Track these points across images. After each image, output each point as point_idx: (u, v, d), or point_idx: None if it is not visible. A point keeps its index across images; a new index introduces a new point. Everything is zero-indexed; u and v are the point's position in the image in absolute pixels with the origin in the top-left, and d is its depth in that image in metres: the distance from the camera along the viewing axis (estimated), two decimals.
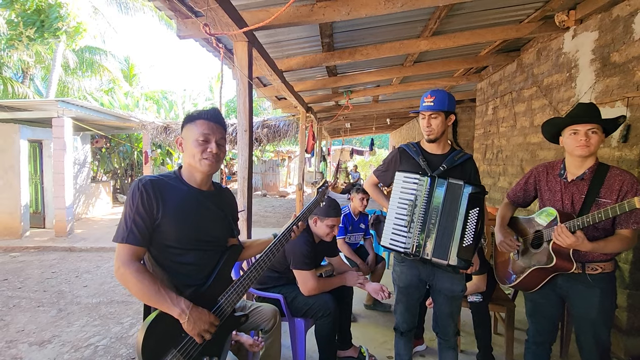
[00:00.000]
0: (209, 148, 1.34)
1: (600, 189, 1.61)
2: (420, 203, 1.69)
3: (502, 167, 4.61)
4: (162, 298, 1.21)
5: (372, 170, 2.07)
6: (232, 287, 1.38)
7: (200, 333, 1.25)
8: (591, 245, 1.52)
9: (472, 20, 3.39)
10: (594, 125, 1.58)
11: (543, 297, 1.80)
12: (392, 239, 1.75)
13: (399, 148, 1.92)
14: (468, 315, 2.87)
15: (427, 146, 1.85)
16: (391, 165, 1.90)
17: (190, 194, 1.36)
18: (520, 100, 4.19)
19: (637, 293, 2.53)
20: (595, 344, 1.65)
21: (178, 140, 1.38)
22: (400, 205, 1.74)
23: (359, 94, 5.91)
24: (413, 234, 1.69)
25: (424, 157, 1.80)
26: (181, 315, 1.21)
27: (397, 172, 1.79)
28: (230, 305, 1.37)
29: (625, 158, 2.59)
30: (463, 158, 1.79)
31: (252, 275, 1.43)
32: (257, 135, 8.29)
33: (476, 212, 1.63)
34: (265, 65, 3.12)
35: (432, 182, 1.69)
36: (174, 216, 1.29)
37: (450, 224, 1.64)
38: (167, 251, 1.31)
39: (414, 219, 1.70)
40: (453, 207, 1.65)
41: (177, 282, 1.32)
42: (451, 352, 1.87)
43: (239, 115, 2.52)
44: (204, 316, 1.26)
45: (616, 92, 2.69)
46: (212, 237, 1.39)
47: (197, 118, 1.36)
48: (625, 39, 2.63)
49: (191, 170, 1.38)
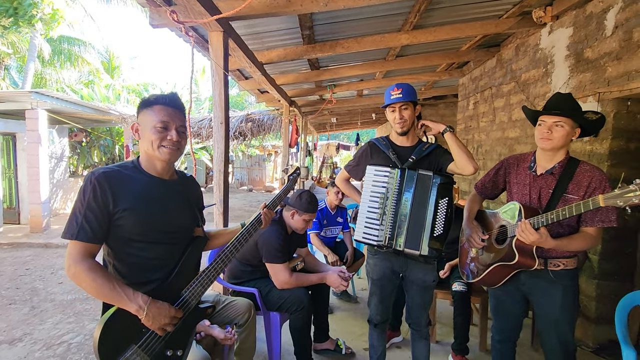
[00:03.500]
0: (168, 135, 1.27)
1: (569, 184, 1.56)
2: (392, 195, 1.70)
3: (482, 162, 4.67)
4: (118, 295, 1.17)
5: (344, 166, 2.07)
6: (196, 279, 1.35)
7: (161, 327, 1.22)
8: (554, 243, 1.48)
9: (452, 15, 3.40)
10: (561, 118, 1.53)
11: (506, 294, 1.76)
12: (365, 232, 1.75)
13: (369, 142, 1.92)
14: (444, 307, 2.93)
15: (396, 139, 1.86)
16: (362, 160, 1.91)
17: (151, 183, 1.30)
18: (500, 96, 4.25)
19: (605, 283, 2.61)
20: (558, 344, 1.61)
21: (134, 126, 1.30)
22: (372, 199, 1.75)
23: (342, 88, 5.89)
24: (385, 226, 1.70)
25: (393, 150, 1.81)
26: (139, 311, 1.18)
27: (368, 166, 1.80)
28: (195, 298, 1.34)
29: (595, 152, 2.65)
30: (430, 148, 1.81)
31: (218, 267, 1.40)
32: (241, 129, 8.21)
33: (445, 202, 1.64)
34: (244, 57, 3.07)
35: (402, 174, 1.70)
36: (134, 209, 1.24)
37: (421, 214, 1.65)
38: (129, 245, 1.27)
39: (385, 212, 1.70)
40: (423, 198, 1.66)
41: (141, 276, 1.28)
42: (423, 342, 1.89)
43: (215, 107, 2.47)
44: (163, 310, 1.23)
45: (588, 88, 2.75)
46: (177, 227, 1.35)
47: (155, 103, 1.28)
48: (598, 35, 2.69)
49: (150, 159, 1.31)
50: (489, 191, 1.89)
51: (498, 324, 1.85)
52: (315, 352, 2.45)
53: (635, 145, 2.54)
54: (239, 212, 8.87)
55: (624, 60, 2.43)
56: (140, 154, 1.35)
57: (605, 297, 2.60)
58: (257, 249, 2.17)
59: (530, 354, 2.51)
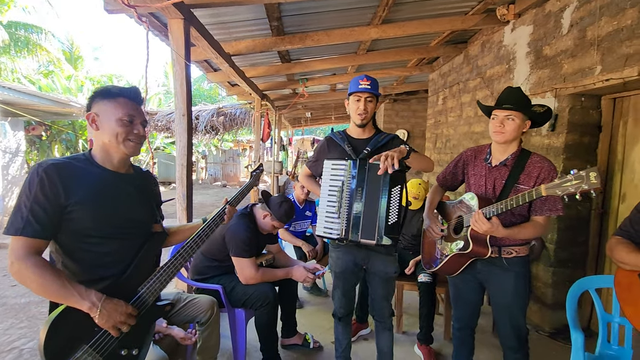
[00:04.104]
0: (135, 129, 1.25)
1: (520, 175, 1.62)
2: (346, 188, 1.70)
3: (450, 156, 4.79)
4: (68, 292, 1.11)
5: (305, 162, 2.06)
6: (154, 275, 1.30)
7: (115, 325, 1.17)
8: (506, 232, 1.53)
9: (420, 10, 3.43)
10: (512, 112, 1.58)
11: (463, 282, 1.82)
12: (325, 227, 1.74)
13: (327, 137, 1.92)
14: (410, 298, 2.98)
15: (353, 132, 1.86)
16: (321, 155, 1.89)
17: (106, 177, 1.25)
18: (466, 91, 4.35)
19: (560, 270, 2.74)
20: (510, 327, 1.68)
21: (90, 116, 1.23)
22: (331, 193, 1.74)
23: (315, 81, 5.85)
24: (342, 219, 1.70)
25: (349, 143, 1.81)
26: (92, 308, 1.12)
27: (325, 160, 1.79)
28: (153, 295, 1.29)
29: (552, 146, 2.77)
30: (387, 139, 1.82)
31: (177, 263, 1.35)
32: (213, 123, 8.01)
33: (398, 190, 1.65)
34: (209, 47, 2.96)
35: (354, 165, 1.70)
36: (88, 203, 1.18)
37: (375, 204, 1.66)
38: (83, 241, 1.20)
39: (342, 204, 1.70)
40: (376, 187, 1.66)
41: (94, 273, 1.22)
42: (387, 333, 1.91)
43: (176, 98, 2.38)
44: (119, 307, 1.17)
45: (546, 84, 2.86)
46: (134, 222, 1.30)
47: (119, 95, 1.24)
48: (555, 33, 2.79)
49: (109, 152, 1.26)
50: (449, 183, 1.94)
51: (457, 312, 1.90)
52: (283, 348, 2.44)
53: (588, 139, 2.67)
54: (211, 209, 8.66)
55: (578, 57, 2.54)
56: (94, 146, 1.28)
57: (561, 284, 2.74)
58: (224, 242, 2.11)
59: (491, 340, 2.60)
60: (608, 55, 2.29)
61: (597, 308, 1.82)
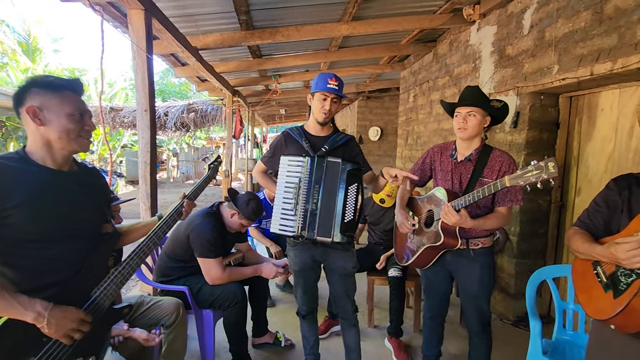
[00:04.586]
0: (86, 125, 1.18)
1: (484, 169, 1.71)
2: (303, 185, 1.69)
3: (421, 152, 4.89)
4: (9, 304, 1.02)
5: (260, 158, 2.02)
6: (108, 277, 1.23)
7: (67, 334, 1.09)
8: (473, 223, 1.61)
9: (389, 7, 3.46)
10: (472, 108, 1.67)
11: (435, 273, 1.90)
12: (281, 224, 1.71)
13: (284, 132, 1.89)
14: (382, 292, 3.02)
15: (311, 129, 1.85)
16: (277, 151, 1.87)
17: (46, 176, 1.15)
18: (436, 89, 4.45)
19: (522, 262, 2.87)
20: (476, 312, 1.79)
21: (30, 110, 1.10)
22: (287, 189, 1.71)
23: (288, 78, 5.79)
24: (298, 216, 1.68)
25: (307, 140, 1.79)
26: (37, 319, 1.04)
27: (281, 156, 1.76)
28: (108, 298, 1.22)
29: (515, 142, 2.88)
30: (345, 139, 1.83)
31: (133, 263, 1.28)
32: (183, 120, 7.77)
33: (355, 188, 1.67)
34: (174, 40, 2.85)
35: (312, 163, 1.69)
36: (27, 206, 1.08)
37: (331, 202, 1.66)
38: (23, 247, 1.11)
39: (298, 201, 1.69)
40: (333, 185, 1.67)
41: (39, 280, 1.13)
42: (353, 329, 1.92)
43: (138, 93, 2.27)
44: (69, 314, 1.10)
45: (509, 82, 2.96)
46: (81, 224, 1.21)
47: (64, 88, 1.15)
48: (517, 33, 2.89)
49: (52, 149, 1.15)
50: (418, 178, 1.97)
51: (428, 302, 1.99)
52: (254, 347, 2.40)
53: (547, 136, 2.79)
54: None
55: (537, 57, 2.65)
56: (31, 143, 1.16)
57: (523, 274, 2.86)
58: (189, 242, 2.04)
59: (459, 331, 2.68)
60: (564, 56, 2.39)
61: (553, 296, 1.91)
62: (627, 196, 1.19)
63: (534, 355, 1.70)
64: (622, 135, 2.29)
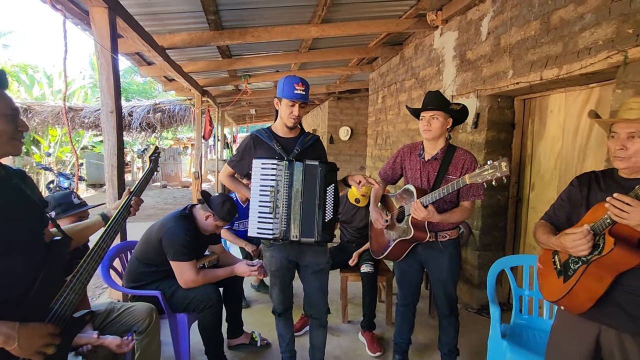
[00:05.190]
0: (20, 126, 1.07)
1: (449, 167, 1.86)
2: (282, 187, 1.71)
3: (390, 152, 5.05)
4: None
5: (227, 161, 2.01)
6: (66, 286, 1.18)
7: (39, 351, 1.03)
8: (440, 217, 1.76)
9: (357, 11, 3.56)
10: (435, 112, 1.82)
11: (407, 265, 2.04)
12: (259, 228, 1.72)
13: (252, 135, 1.90)
14: (354, 289, 3.11)
15: (280, 131, 1.88)
16: (246, 154, 1.88)
17: None
18: (403, 91, 4.62)
19: (484, 254, 3.06)
20: (445, 297, 1.97)
21: None
22: (263, 193, 1.73)
23: (258, 78, 5.77)
24: (279, 219, 1.71)
25: (277, 142, 1.82)
26: (8, 341, 0.97)
27: (254, 159, 1.76)
28: (69, 307, 1.17)
29: (475, 141, 3.06)
30: (312, 139, 1.89)
31: (89, 267, 1.23)
32: (149, 120, 7.51)
33: (332, 188, 1.73)
34: (139, 39, 2.78)
35: (289, 166, 1.72)
36: None
37: (312, 203, 1.72)
38: None
39: (278, 204, 1.71)
40: (312, 187, 1.72)
41: None
42: (322, 330, 1.97)
43: (103, 94, 2.20)
44: (38, 330, 1.03)
45: (470, 85, 3.15)
46: (23, 232, 1.11)
47: None
48: (476, 39, 3.08)
49: None
50: (390, 177, 2.13)
51: (402, 292, 2.12)
52: (230, 349, 2.40)
53: (504, 136, 2.99)
54: (152, 211, 8.14)
55: (494, 62, 2.84)
56: None
57: (485, 266, 3.05)
58: (161, 246, 2.01)
59: (428, 320, 2.83)
60: (517, 61, 2.59)
61: (511, 284, 2.07)
62: (586, 192, 1.33)
63: (494, 338, 1.84)
64: (568, 134, 2.52)
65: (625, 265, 1.10)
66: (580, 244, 1.15)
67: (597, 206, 1.19)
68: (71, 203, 1.57)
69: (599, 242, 1.14)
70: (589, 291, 1.17)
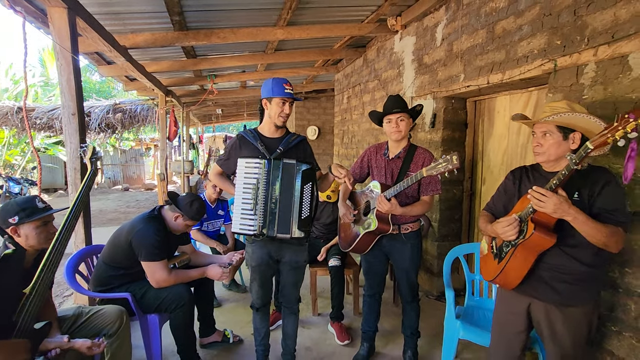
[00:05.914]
0: None
1: (410, 164, 2.04)
2: (262, 185, 1.80)
3: (355, 150, 5.23)
4: None
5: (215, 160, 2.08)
6: (25, 300, 1.19)
7: None
8: (402, 210, 1.93)
9: (321, 15, 3.67)
10: (401, 114, 1.98)
11: (373, 256, 2.19)
12: (241, 224, 1.81)
13: (238, 135, 1.98)
14: (323, 283, 3.24)
15: (266, 131, 1.96)
16: (232, 153, 1.95)
17: None
18: (367, 91, 4.80)
19: (443, 244, 3.29)
20: (407, 284, 2.14)
21: None
22: (245, 190, 1.81)
23: (224, 78, 5.73)
24: (258, 215, 1.79)
25: (262, 142, 1.90)
26: None
27: (238, 158, 1.84)
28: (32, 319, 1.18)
29: (433, 140, 3.28)
30: (297, 140, 1.97)
31: (47, 277, 1.26)
32: (109, 121, 7.22)
33: (310, 187, 1.83)
34: (100, 39, 2.72)
35: (269, 164, 1.81)
36: None
37: (289, 200, 1.81)
38: None
39: (257, 202, 1.79)
40: (289, 185, 1.81)
41: None
42: (293, 317, 2.10)
43: (63, 95, 2.16)
44: (16, 346, 1.05)
45: (427, 88, 3.37)
46: None
47: None
48: (432, 45, 3.30)
49: None
50: (358, 175, 2.28)
51: (368, 282, 2.27)
52: (203, 347, 2.43)
53: (458, 134, 3.24)
54: (113, 215, 7.82)
55: (448, 66, 3.06)
56: None
57: (444, 255, 3.19)
58: (131, 248, 2.01)
59: (392, 309, 3.01)
60: (468, 66, 2.82)
61: (464, 269, 2.28)
62: (518, 184, 1.55)
63: (449, 319, 2.04)
64: (512, 133, 2.78)
65: (544, 246, 1.31)
66: (509, 230, 1.35)
67: (525, 197, 1.39)
68: (35, 207, 1.55)
69: (524, 228, 1.34)
70: (517, 270, 1.38)
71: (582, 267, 1.35)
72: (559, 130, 1.36)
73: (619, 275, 1.76)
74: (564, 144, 1.36)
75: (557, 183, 1.25)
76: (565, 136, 1.36)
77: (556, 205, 1.22)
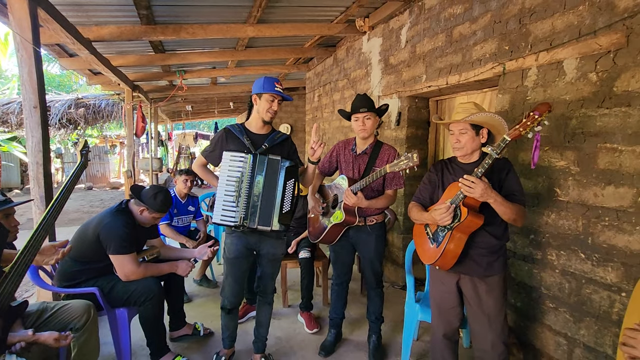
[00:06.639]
0: None
1: (376, 160, 2.17)
2: (246, 179, 1.86)
3: (327, 147, 5.34)
4: None
5: (200, 152, 2.13)
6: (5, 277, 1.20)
7: None
8: (367, 203, 2.04)
9: (292, 14, 3.74)
10: (369, 113, 2.10)
11: (341, 247, 2.31)
12: (222, 215, 1.86)
13: (225, 128, 2.03)
14: (293, 276, 3.32)
15: (253, 127, 2.02)
16: (218, 145, 1.99)
17: None
18: (337, 90, 4.93)
19: (407, 236, 3.47)
20: (372, 273, 2.27)
21: None
22: (229, 183, 1.86)
23: (194, 74, 5.66)
24: (240, 207, 1.85)
25: (248, 137, 1.95)
26: None
27: (224, 152, 1.90)
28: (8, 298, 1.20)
29: (398, 137, 3.45)
30: (282, 137, 2.04)
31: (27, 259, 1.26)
32: (70, 116, 6.91)
33: (292, 183, 1.91)
34: (62, 31, 2.64)
35: (254, 159, 1.87)
36: None
37: (271, 194, 1.88)
38: None
39: (240, 194, 1.85)
40: (273, 180, 1.89)
41: None
42: (267, 306, 2.18)
43: (24, 88, 2.10)
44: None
45: (393, 87, 3.53)
46: None
47: None
48: (397, 46, 3.46)
49: None
50: (327, 170, 2.39)
51: (336, 272, 2.39)
52: (173, 340, 2.45)
53: (421, 132, 3.42)
54: (76, 215, 7.48)
55: (412, 67, 3.23)
56: None
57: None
58: (99, 242, 2.00)
59: (360, 298, 3.15)
60: (429, 68, 2.99)
61: None
62: (440, 176, 1.77)
63: (409, 303, 2.19)
64: None
65: (475, 226, 1.54)
66: (445, 216, 1.54)
67: (451, 185, 1.61)
68: None
69: (457, 213, 1.52)
70: (454, 250, 1.59)
71: (496, 241, 1.63)
72: (472, 128, 1.61)
73: (556, 257, 1.98)
74: (477, 139, 1.63)
75: (482, 171, 1.48)
76: (477, 132, 1.62)
77: (483, 190, 1.44)
